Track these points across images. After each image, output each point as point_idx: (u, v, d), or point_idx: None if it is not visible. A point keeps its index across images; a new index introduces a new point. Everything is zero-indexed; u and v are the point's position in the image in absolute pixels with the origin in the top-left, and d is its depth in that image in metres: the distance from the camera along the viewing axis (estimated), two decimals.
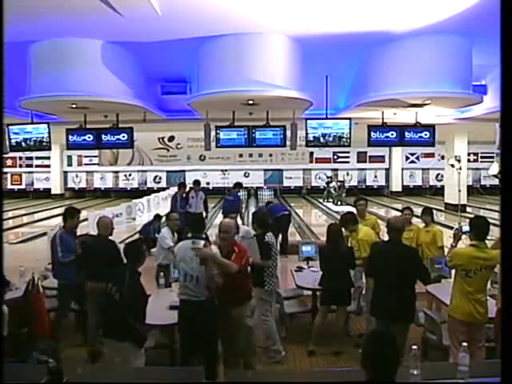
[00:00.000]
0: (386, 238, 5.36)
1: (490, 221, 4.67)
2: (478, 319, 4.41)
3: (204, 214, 11.38)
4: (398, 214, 7.23)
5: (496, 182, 20.65)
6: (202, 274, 4.43)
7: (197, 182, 12.18)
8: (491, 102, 9.21)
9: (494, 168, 10.32)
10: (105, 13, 6.25)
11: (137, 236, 14.00)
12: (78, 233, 6.14)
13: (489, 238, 4.59)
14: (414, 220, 7.35)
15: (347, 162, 28.67)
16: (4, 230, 13.52)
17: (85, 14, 6.51)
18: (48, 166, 28.27)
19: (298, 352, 5.61)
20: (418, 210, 7.79)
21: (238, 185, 12.34)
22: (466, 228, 5.63)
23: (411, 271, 4.73)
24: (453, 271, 4.76)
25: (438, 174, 27.31)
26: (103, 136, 9.28)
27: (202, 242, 4.61)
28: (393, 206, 21.80)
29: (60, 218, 6.41)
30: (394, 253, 4.80)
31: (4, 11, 2.49)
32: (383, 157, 28.49)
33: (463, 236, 5.74)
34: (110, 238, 5.68)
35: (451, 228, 10.02)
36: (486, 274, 4.47)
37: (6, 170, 27.52)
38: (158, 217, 11.52)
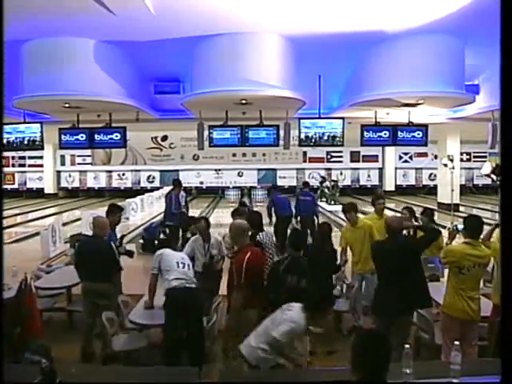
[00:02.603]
0: None
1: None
2: (471, 316, 4.43)
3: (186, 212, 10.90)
4: (392, 213, 7.19)
5: (489, 181, 20.82)
6: (190, 262, 5.22)
7: (178, 182, 11.36)
8: (484, 102, 9.25)
9: (487, 167, 10.36)
10: (98, 12, 6.22)
11: (132, 235, 14.04)
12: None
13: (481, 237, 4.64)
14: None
15: (340, 162, 28.71)
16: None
17: (78, 13, 6.48)
18: (41, 166, 28.15)
19: None
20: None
21: (307, 184, 12.55)
22: (461, 227, 5.66)
23: (412, 259, 4.76)
24: (446, 270, 4.78)
25: (431, 174, 27.43)
26: (96, 135, 9.25)
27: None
28: (386, 205, 21.79)
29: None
30: (395, 247, 4.75)
31: (4, 11, 2.49)
32: (376, 156, 28.55)
33: (457, 235, 5.76)
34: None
35: (444, 227, 10.04)
36: (480, 272, 4.50)
37: None
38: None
